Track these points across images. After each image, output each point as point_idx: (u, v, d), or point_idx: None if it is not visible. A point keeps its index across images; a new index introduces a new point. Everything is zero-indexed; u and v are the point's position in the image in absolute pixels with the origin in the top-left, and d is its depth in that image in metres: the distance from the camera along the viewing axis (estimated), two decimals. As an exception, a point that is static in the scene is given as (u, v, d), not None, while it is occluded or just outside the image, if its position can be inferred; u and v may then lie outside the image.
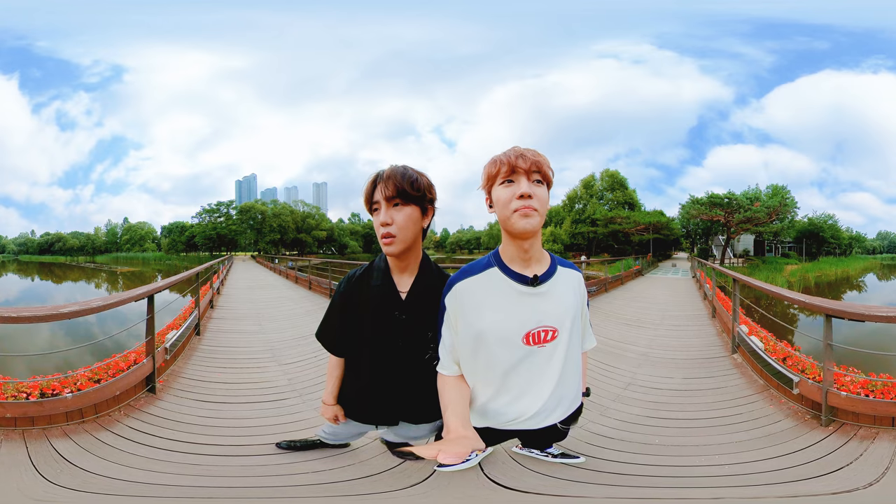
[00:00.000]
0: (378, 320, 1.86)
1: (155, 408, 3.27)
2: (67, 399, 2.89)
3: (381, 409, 2.05)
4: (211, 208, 57.21)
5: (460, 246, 69.78)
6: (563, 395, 1.78)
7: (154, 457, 2.60)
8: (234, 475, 2.43)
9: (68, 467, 2.42)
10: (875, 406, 2.85)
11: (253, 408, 3.41)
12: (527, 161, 1.59)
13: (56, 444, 2.63)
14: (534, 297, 1.68)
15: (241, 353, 5.08)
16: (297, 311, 8.04)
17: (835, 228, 44.78)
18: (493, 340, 1.67)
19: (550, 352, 1.71)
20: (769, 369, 3.83)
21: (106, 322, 9.92)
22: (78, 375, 3.12)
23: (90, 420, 2.96)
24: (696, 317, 7.77)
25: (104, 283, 36.52)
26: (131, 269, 47.58)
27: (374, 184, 1.76)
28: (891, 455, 2.51)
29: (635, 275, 17.54)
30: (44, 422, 2.81)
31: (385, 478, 2.33)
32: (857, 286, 32.16)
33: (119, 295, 3.50)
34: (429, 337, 1.84)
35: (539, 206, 1.59)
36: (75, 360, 4.35)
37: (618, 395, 3.69)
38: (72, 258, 60.18)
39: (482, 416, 1.79)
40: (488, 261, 1.73)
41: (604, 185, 47.14)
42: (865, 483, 2.28)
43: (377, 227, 1.74)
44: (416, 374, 1.90)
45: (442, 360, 1.77)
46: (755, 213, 33.65)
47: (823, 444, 2.73)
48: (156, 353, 3.65)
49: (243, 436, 2.91)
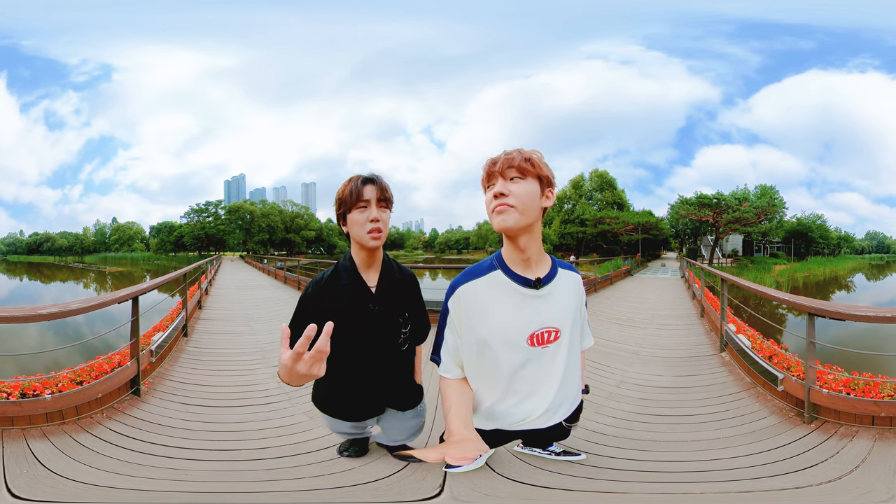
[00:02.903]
0: (353, 314, 1.95)
1: (138, 410, 3.23)
2: (47, 400, 2.85)
3: (367, 402, 2.14)
4: (199, 208, 56.82)
5: (449, 246, 69.80)
6: (567, 394, 1.80)
7: (130, 460, 2.55)
8: (215, 479, 2.39)
9: (38, 469, 2.38)
10: (855, 404, 2.88)
11: (241, 411, 3.35)
12: (498, 163, 1.60)
13: (33, 444, 2.60)
14: (536, 299, 1.68)
15: (229, 354, 5.01)
16: (286, 311, 7.99)
17: (823, 228, 45.27)
18: (499, 343, 1.67)
19: (554, 352, 1.72)
20: (756, 367, 3.87)
21: (95, 322, 9.81)
22: (60, 377, 3.07)
23: (71, 422, 2.91)
24: (685, 316, 7.84)
25: (93, 283, 36.19)
26: (120, 269, 47.14)
27: (363, 184, 1.91)
28: (865, 453, 2.55)
29: (624, 275, 17.64)
30: (23, 422, 2.79)
31: (392, 482, 2.31)
32: (845, 286, 32.56)
33: (100, 297, 3.45)
34: (399, 322, 2.03)
35: (516, 202, 1.57)
36: (65, 361, 4.29)
37: (611, 393, 3.73)
38: (60, 258, 59.54)
39: (490, 418, 1.79)
40: (491, 263, 1.72)
41: (593, 185, 47.34)
42: (833, 478, 2.33)
43: (363, 222, 1.90)
44: (392, 362, 2.07)
45: (444, 363, 1.77)
46: (744, 213, 33.96)
47: (804, 441, 2.77)
48: (140, 356, 3.60)
49: (229, 440, 2.86)
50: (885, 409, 2.80)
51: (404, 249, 73.01)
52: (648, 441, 2.84)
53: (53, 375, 3.09)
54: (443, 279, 22.89)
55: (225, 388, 3.87)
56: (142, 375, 3.60)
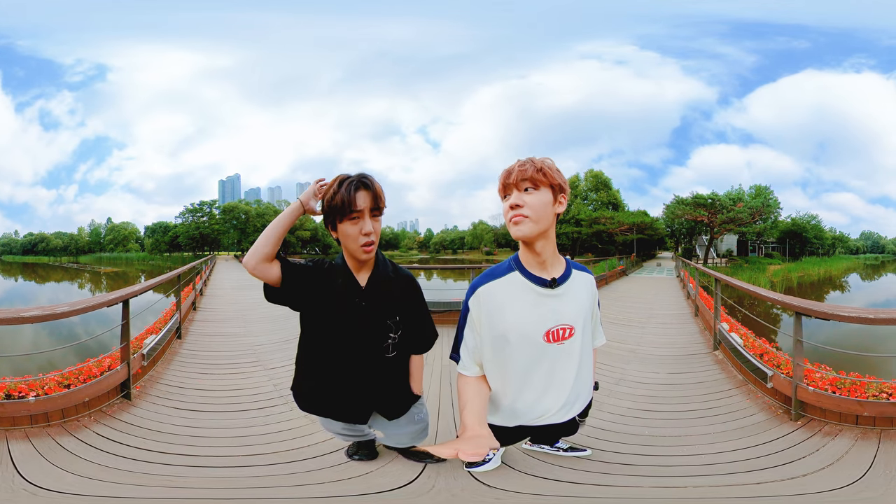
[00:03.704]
0: (340, 307, 1.99)
1: (128, 414, 3.18)
2: (30, 402, 2.83)
3: (348, 404, 2.11)
4: (194, 208, 56.41)
5: (444, 246, 69.59)
6: (581, 389, 1.93)
7: (114, 465, 2.49)
8: (205, 486, 2.34)
9: (8, 472, 2.36)
10: (839, 403, 2.92)
11: (235, 415, 3.30)
12: (512, 175, 1.71)
13: (13, 447, 2.58)
14: (552, 298, 1.79)
15: (224, 357, 4.94)
16: (282, 312, 7.85)
17: (818, 229, 45.36)
18: (516, 339, 1.78)
19: (569, 348, 1.83)
20: (748, 365, 3.91)
21: (90, 323, 9.75)
22: (47, 379, 3.05)
23: (56, 424, 2.88)
24: (680, 315, 7.90)
25: (87, 283, 36.00)
26: (115, 269, 46.90)
27: (356, 189, 1.86)
28: (845, 450, 2.61)
29: (620, 275, 17.68)
30: (6, 423, 2.77)
31: (375, 477, 2.32)
32: (840, 286, 32.69)
33: (87, 300, 3.39)
34: (387, 325, 2.03)
35: (531, 213, 1.69)
36: (60, 362, 4.27)
37: (611, 391, 3.79)
38: (55, 258, 59.18)
39: (512, 415, 1.90)
40: (509, 265, 1.84)
41: (588, 185, 47.30)
42: (808, 472, 2.41)
43: (356, 236, 1.88)
44: (377, 366, 2.04)
45: (462, 360, 1.87)
46: (738, 213, 34.06)
47: (790, 437, 2.84)
48: (132, 359, 3.56)
49: (223, 445, 2.80)
50: (867, 409, 2.84)
51: (399, 249, 72.82)
52: (646, 436, 2.93)
53: (41, 377, 3.07)
54: (438, 279, 22.88)
55: (219, 391, 3.83)
56: (133, 379, 3.56)
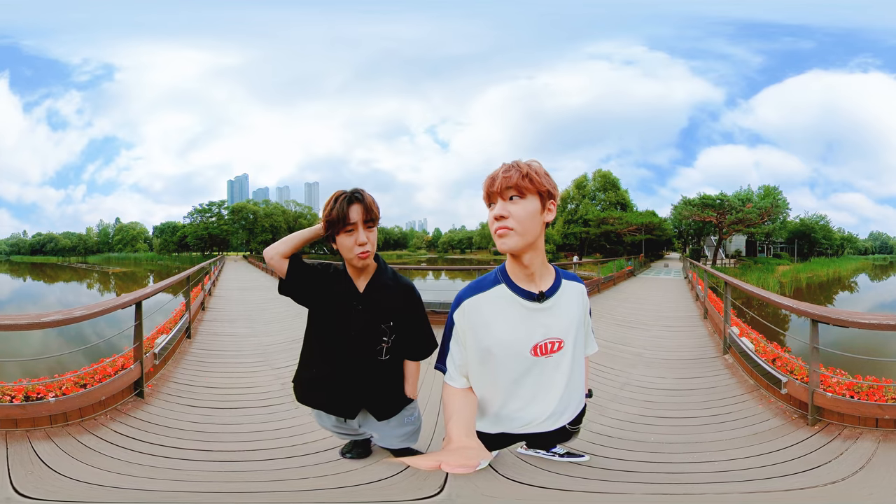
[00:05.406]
0: (339, 309, 2.10)
1: (142, 412, 3.25)
2: (50, 403, 2.87)
3: (337, 397, 2.20)
4: (203, 208, 56.84)
5: (452, 246, 69.66)
6: (571, 399, 1.83)
7: (134, 461, 2.58)
8: (218, 480, 2.41)
9: (42, 470, 2.41)
10: (858, 407, 2.90)
11: (244, 413, 3.38)
12: (496, 183, 1.58)
13: (37, 446, 2.63)
14: (540, 312, 1.70)
15: (232, 356, 5.02)
16: (289, 312, 7.97)
17: (826, 229, 45.01)
18: (502, 353, 1.70)
19: (557, 361, 1.74)
20: (759, 370, 3.87)
21: (99, 324, 9.82)
22: (64, 380, 3.09)
23: (74, 423, 2.93)
24: (688, 318, 7.83)
25: (96, 283, 36.31)
26: (123, 269, 47.27)
27: (349, 204, 1.95)
28: (870, 454, 2.56)
29: (627, 275, 17.62)
30: (27, 424, 2.81)
31: (396, 482, 2.33)
32: (848, 287, 32.43)
33: (104, 303, 3.45)
34: (381, 329, 2.11)
35: (516, 225, 1.57)
36: (70, 363, 4.31)
37: (615, 395, 3.74)
38: (63, 258, 59.67)
39: (496, 422, 1.83)
40: (495, 277, 1.74)
41: (596, 185, 47.15)
42: (837, 479, 2.34)
43: (351, 246, 1.97)
44: (369, 366, 2.12)
45: (449, 372, 1.80)
46: (747, 214, 33.83)
47: (808, 443, 2.79)
48: (144, 359, 3.62)
49: (232, 441, 2.88)
50: (888, 412, 2.82)
51: (408, 249, 72.99)
52: (652, 443, 2.86)
53: (57, 378, 3.11)
54: (446, 279, 22.90)
55: (228, 389, 3.89)
56: (145, 378, 3.62)
